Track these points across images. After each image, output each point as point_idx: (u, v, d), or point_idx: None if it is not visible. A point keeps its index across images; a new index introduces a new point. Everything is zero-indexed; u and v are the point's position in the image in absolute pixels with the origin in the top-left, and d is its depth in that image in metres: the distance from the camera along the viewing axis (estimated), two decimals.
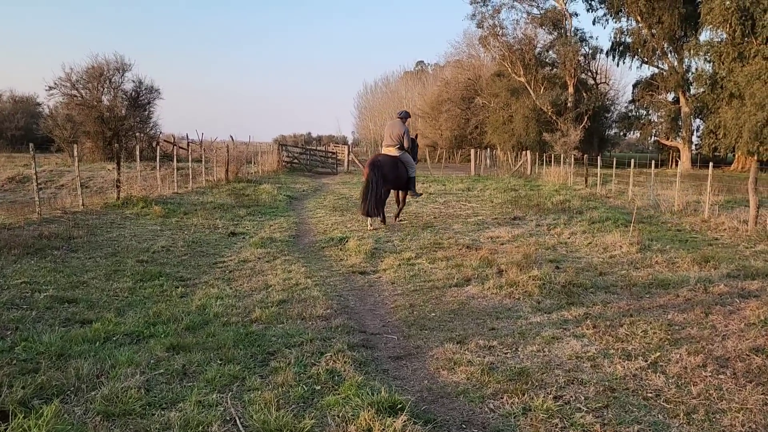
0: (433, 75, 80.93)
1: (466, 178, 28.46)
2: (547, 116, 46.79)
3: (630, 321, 5.51)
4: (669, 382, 4.19)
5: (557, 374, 4.31)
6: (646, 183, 19.69)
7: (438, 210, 14.85)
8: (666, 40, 43.59)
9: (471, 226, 11.85)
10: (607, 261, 8.36)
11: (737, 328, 5.33)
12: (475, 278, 7.24)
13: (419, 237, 10.46)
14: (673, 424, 3.59)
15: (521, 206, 15.28)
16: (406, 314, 5.96)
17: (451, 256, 8.61)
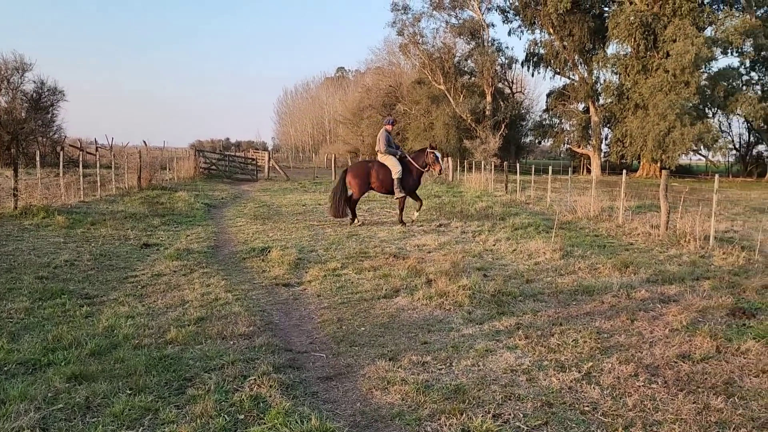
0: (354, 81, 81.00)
1: None
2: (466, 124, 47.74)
3: (560, 330, 5.48)
4: (604, 393, 4.13)
5: (494, 390, 4.16)
6: (562, 189, 20.33)
7: (362, 217, 14.64)
8: (577, 52, 45.51)
9: (397, 234, 11.71)
10: (532, 268, 8.40)
11: (662, 335, 5.41)
12: (404, 289, 7.06)
13: (344, 246, 10.20)
14: None
15: (445, 213, 15.32)
16: (335, 329, 5.68)
17: (378, 265, 8.40)
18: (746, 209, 17.22)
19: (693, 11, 37.45)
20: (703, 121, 37.27)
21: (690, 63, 35.02)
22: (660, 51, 38.15)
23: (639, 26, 38.03)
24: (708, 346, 5.02)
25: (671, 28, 36.77)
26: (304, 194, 22.07)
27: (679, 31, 36.19)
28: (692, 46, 34.89)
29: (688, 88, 35.59)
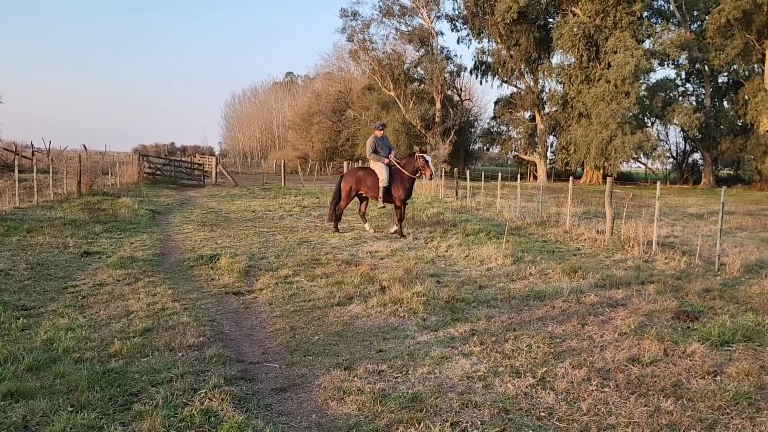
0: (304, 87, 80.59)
1: None
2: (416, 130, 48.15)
3: (514, 335, 5.51)
4: (559, 398, 4.16)
5: (451, 398, 4.13)
6: (510, 195, 20.69)
7: (313, 224, 14.49)
8: (523, 62, 46.64)
9: (349, 240, 11.62)
10: (485, 274, 8.46)
11: (612, 338, 5.51)
12: (358, 296, 6.98)
13: (296, 253, 10.05)
14: None
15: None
16: (288, 338, 5.56)
17: (331, 272, 8.30)
18: (684, 215, 17.91)
19: (633, 24, 38.92)
20: (642, 130, 38.72)
21: (630, 74, 36.35)
22: (602, 62, 39.45)
23: (582, 37, 39.24)
24: (656, 349, 5.14)
25: (612, 40, 38.10)
26: (254, 200, 21.72)
27: (620, 43, 37.53)
28: (632, 58, 36.24)
29: (629, 98, 36.91)
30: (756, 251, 10.57)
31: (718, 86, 45.40)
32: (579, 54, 40.33)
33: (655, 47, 39.52)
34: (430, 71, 48.70)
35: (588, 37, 39.68)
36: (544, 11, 44.94)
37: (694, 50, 39.56)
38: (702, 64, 42.13)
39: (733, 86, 44.36)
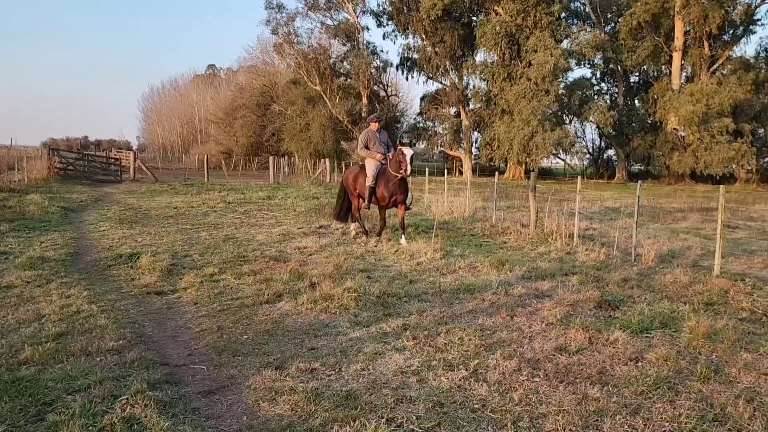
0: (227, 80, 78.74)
1: (266, 186, 27.82)
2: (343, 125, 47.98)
3: (446, 329, 5.54)
4: (492, 390, 4.20)
5: (385, 394, 4.09)
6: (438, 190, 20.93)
7: (239, 220, 14.13)
8: (448, 59, 47.31)
9: (276, 236, 11.39)
10: (415, 268, 8.49)
11: (540, 329, 5.63)
12: (287, 293, 6.84)
13: (221, 250, 9.74)
14: None
15: (325, 215, 15.19)
16: (215, 339, 5.35)
17: (259, 269, 8.10)
18: (602, 208, 18.71)
19: (552, 24, 40.27)
20: (561, 127, 40.17)
21: (550, 72, 37.63)
22: (523, 60, 40.63)
23: (504, 36, 40.25)
24: (581, 338, 5.30)
25: (533, 39, 39.30)
26: (175, 196, 20.96)
27: (540, 42, 38.77)
28: (551, 57, 37.51)
29: (549, 96, 38.19)
30: (667, 242, 11.14)
31: (630, 86, 47.75)
32: (501, 52, 41.35)
33: (573, 47, 41.09)
34: (356, 66, 48.63)
35: (510, 36, 40.75)
36: (468, 9, 45.75)
37: (608, 51, 41.39)
38: (615, 65, 44.18)
39: (643, 86, 46.79)
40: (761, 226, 14.51)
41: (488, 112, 43.88)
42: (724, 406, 3.94)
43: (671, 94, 39.29)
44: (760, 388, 4.28)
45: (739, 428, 3.65)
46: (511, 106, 40.20)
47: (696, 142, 36.94)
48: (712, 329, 5.47)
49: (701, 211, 17.68)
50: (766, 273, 8.63)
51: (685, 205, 19.89)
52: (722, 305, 6.59)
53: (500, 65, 41.83)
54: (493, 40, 40.77)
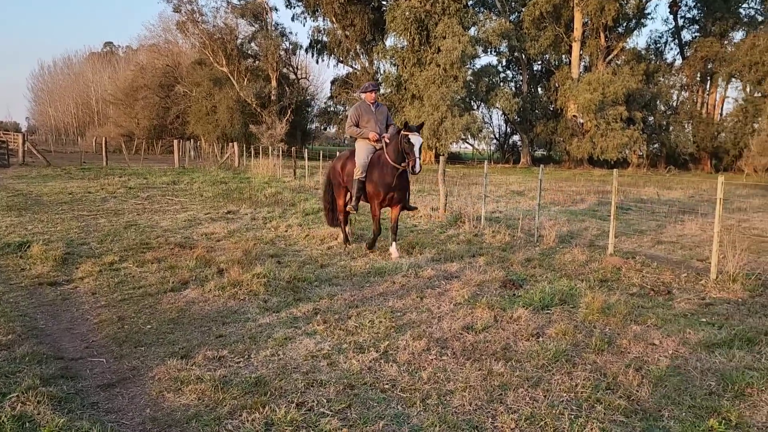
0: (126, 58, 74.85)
1: (170, 170, 26.76)
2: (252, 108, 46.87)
3: (357, 312, 5.57)
4: (401, 370, 4.26)
5: (296, 378, 4.06)
6: None
7: (141, 206, 13.52)
8: (358, 42, 47.22)
9: (182, 222, 10.99)
10: (326, 253, 8.46)
11: (448, 309, 5.78)
12: (194, 280, 6.62)
13: (122, 237, 9.29)
14: (412, 414, 3.62)
15: (234, 200, 14.82)
16: (115, 330, 5.10)
17: (163, 257, 7.79)
18: (507, 192, 19.39)
19: (459, 11, 40.99)
20: (469, 113, 41.16)
21: (458, 59, 38.37)
22: (432, 46, 41.17)
23: (414, 21, 40.60)
24: (487, 316, 5.48)
25: (441, 25, 39.87)
26: (70, 181, 19.73)
27: (448, 29, 39.40)
28: (459, 44, 38.24)
29: (457, 82, 38.98)
30: (567, 223, 11.72)
31: (534, 74, 49.56)
32: (411, 38, 41.69)
33: (480, 35, 42.04)
34: (264, 48, 47.54)
35: (419, 22, 41.13)
36: None
37: (512, 39, 42.70)
38: (520, 53, 45.66)
39: (546, 74, 48.71)
40: (650, 208, 15.56)
41: (399, 97, 44.21)
42: (616, 375, 4.20)
43: (571, 83, 41.17)
44: (648, 357, 4.60)
45: (629, 395, 3.91)
46: (421, 91, 40.69)
47: (593, 129, 39.02)
48: (606, 304, 5.82)
49: (597, 194, 18.73)
50: (654, 251, 9.27)
51: (583, 189, 20.98)
52: (615, 281, 7.03)
53: (410, 50, 42.18)
54: (403, 25, 41.03)
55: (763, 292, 6.61)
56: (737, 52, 39.62)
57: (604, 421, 3.55)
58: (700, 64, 43.32)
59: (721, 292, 6.61)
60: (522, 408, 3.69)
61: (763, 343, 4.92)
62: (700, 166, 43.50)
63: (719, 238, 7.22)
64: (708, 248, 8.15)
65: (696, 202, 16.72)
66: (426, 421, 3.50)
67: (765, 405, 3.79)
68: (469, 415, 3.61)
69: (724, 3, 42.43)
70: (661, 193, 19.85)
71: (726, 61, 40.73)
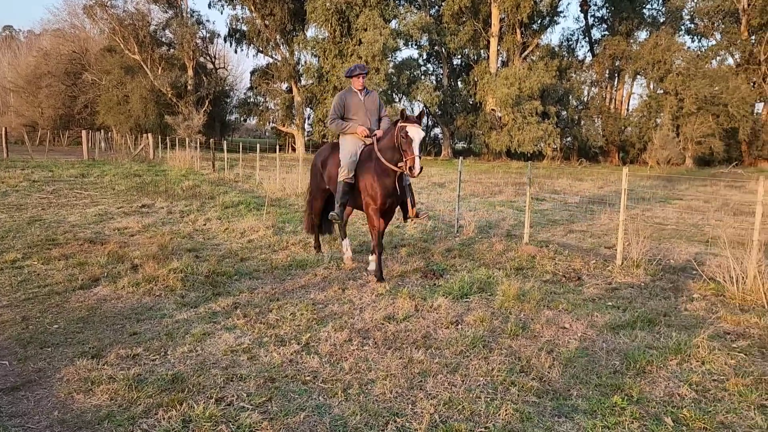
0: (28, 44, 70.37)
1: (79, 162, 25.43)
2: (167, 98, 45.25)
3: (278, 305, 5.51)
4: (323, 361, 4.27)
5: (215, 374, 3.98)
6: (270, 167, 20.63)
7: (47, 200, 12.78)
8: (278, 33, 46.42)
9: (92, 217, 10.48)
10: (246, 246, 8.31)
11: (370, 300, 5.82)
12: (105, 277, 6.34)
13: (25, 233, 8.76)
14: (333, 404, 3.63)
15: (149, 193, 14.27)
16: (19, 330, 4.81)
17: (71, 253, 7.41)
18: (429, 184, 19.71)
19: (380, 3, 41.15)
20: (392, 106, 41.40)
21: (379, 51, 38.52)
22: (354, 38, 41.13)
23: (335, 13, 40.40)
24: (408, 306, 5.56)
25: (363, 17, 39.89)
26: None
27: (370, 21, 39.48)
28: (381, 36, 38.40)
29: (379, 75, 39.13)
30: (486, 214, 12.06)
31: (454, 67, 50.53)
32: (332, 29, 41.48)
33: (401, 28, 42.37)
34: (179, 35, 45.95)
35: (340, 13, 40.98)
36: None
37: (433, 33, 43.33)
38: (440, 47, 46.41)
39: (465, 68, 49.76)
40: (563, 198, 16.25)
41: (321, 89, 43.91)
42: (530, 358, 4.38)
43: (489, 77, 42.27)
44: (559, 341, 4.82)
45: (541, 377, 4.09)
46: (343, 83, 40.57)
47: (511, 122, 40.24)
48: (521, 291, 6.05)
49: (515, 186, 19.37)
50: (567, 239, 9.70)
51: (501, 180, 21.62)
52: (530, 269, 7.30)
53: (331, 42, 41.97)
54: (324, 16, 40.76)
55: (663, 276, 7.07)
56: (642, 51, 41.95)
57: (517, 402, 3.69)
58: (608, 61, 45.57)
59: (626, 277, 7.01)
60: (441, 393, 3.78)
61: (662, 324, 5.27)
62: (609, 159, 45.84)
63: (624, 226, 7.65)
64: (615, 236, 8.61)
65: (605, 193, 17.62)
66: (347, 411, 3.53)
67: (663, 381, 4.07)
68: (390, 402, 3.67)
69: (629, 3, 44.78)
70: (573, 185, 20.76)
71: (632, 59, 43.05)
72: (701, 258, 7.84)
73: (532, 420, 3.48)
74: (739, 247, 7.03)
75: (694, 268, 7.14)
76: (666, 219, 12.40)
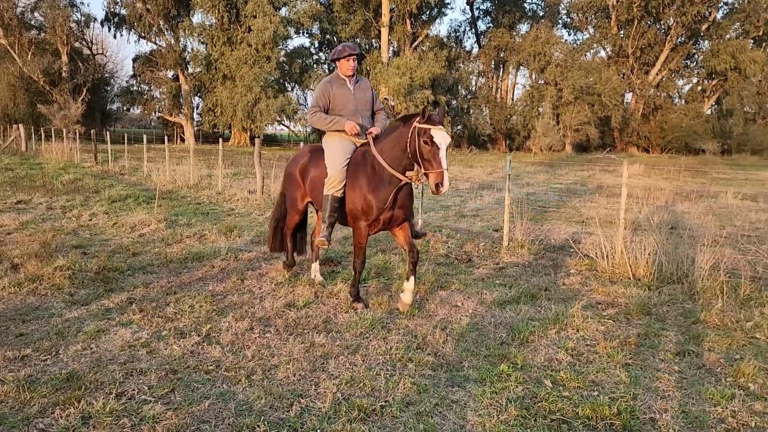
0: None
1: None
2: (39, 86, 42.07)
3: (175, 298, 5.44)
4: (225, 350, 4.30)
5: (113, 370, 3.91)
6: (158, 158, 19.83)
7: None
8: (162, 18, 44.38)
9: None
10: (138, 240, 8.05)
11: (270, 289, 5.88)
12: None
13: None
14: (237, 390, 3.70)
15: (24, 188, 13.33)
16: None
17: None
18: None
19: None
20: (284, 95, 41.00)
21: (270, 39, 37.91)
22: (243, 25, 40.16)
23: None
24: (308, 293, 5.68)
25: (251, 4, 39.02)
26: None
27: (259, 8, 38.69)
28: (271, 24, 37.78)
29: (270, 63, 38.56)
30: None
31: None
32: (220, 15, 40.25)
33: (291, 15, 41.84)
34: (51, 18, 42.79)
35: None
36: None
37: (324, 22, 43.21)
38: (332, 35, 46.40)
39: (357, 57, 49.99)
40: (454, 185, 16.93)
41: (209, 77, 42.56)
42: (425, 335, 4.65)
43: (381, 67, 42.80)
44: (452, 318, 5.14)
45: (436, 352, 4.36)
46: (232, 71, 39.60)
47: (404, 111, 41.06)
48: (417, 274, 6.32)
49: None
50: (458, 224, 10.17)
51: None
52: (425, 253, 7.63)
53: (219, 28, 40.73)
54: (210, 2, 39.49)
55: (545, 255, 7.65)
56: (524, 43, 44.20)
57: (414, 376, 3.93)
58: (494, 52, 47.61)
59: (512, 257, 7.51)
60: (342, 373, 3.95)
61: (543, 298, 5.74)
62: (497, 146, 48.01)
63: (509, 210, 8.17)
64: (502, 219, 9.15)
65: (494, 180, 18.53)
66: (252, 396, 3.61)
67: (543, 348, 4.47)
68: (294, 385, 3.78)
69: None
70: (463, 172, 21.63)
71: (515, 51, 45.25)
72: (578, 237, 8.54)
73: (428, 391, 3.73)
74: (610, 226, 7.76)
75: (571, 246, 7.77)
76: (548, 202, 13.29)
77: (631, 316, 5.29)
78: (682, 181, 18.91)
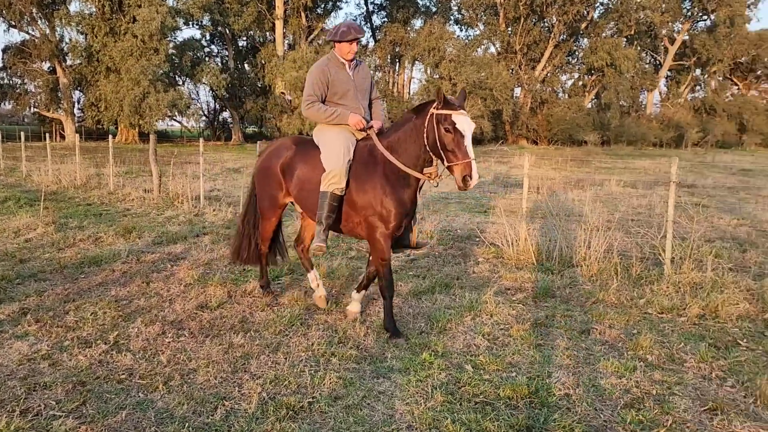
0: None
1: None
2: None
3: (75, 306, 5.09)
4: (137, 357, 4.08)
5: (13, 386, 3.60)
6: (37, 157, 18.41)
7: None
8: (35, 5, 41.04)
9: None
10: (24, 246, 7.43)
11: (179, 291, 5.64)
12: None
13: None
14: (155, 398, 3.53)
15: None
16: None
17: None
18: (224, 170, 19.22)
19: None
20: (175, 89, 39.25)
21: (157, 30, 36.12)
22: (127, 15, 38.00)
23: None
24: (220, 293, 5.51)
25: None
26: None
27: None
28: (158, 14, 35.99)
29: (158, 55, 36.74)
30: None
31: (240, 50, 49.28)
32: (101, 3, 37.81)
33: (180, 6, 40.01)
34: None
35: None
36: None
37: (215, 13, 41.71)
38: (224, 28, 44.93)
39: (252, 50, 48.83)
40: None
41: (91, 70, 39.91)
42: (346, 330, 4.65)
43: (277, 60, 42.03)
44: (370, 311, 5.17)
45: (359, 345, 4.37)
46: (117, 64, 37.36)
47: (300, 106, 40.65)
48: (330, 269, 6.32)
49: None
50: None
51: None
52: (336, 248, 7.61)
53: (101, 18, 38.28)
54: None
55: (453, 245, 7.87)
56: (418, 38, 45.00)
57: (339, 370, 3.92)
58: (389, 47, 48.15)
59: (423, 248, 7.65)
60: (266, 372, 3.86)
61: (456, 286, 5.91)
62: None
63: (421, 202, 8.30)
64: None
65: None
66: (172, 402, 3.45)
67: (461, 335, 4.61)
68: (216, 388, 3.66)
69: None
70: None
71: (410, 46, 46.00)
72: (482, 226, 8.85)
73: (354, 384, 3.74)
74: (512, 215, 8.10)
75: (477, 235, 8.04)
76: (450, 193, 13.66)
77: (538, 300, 5.57)
78: (569, 171, 20.08)
